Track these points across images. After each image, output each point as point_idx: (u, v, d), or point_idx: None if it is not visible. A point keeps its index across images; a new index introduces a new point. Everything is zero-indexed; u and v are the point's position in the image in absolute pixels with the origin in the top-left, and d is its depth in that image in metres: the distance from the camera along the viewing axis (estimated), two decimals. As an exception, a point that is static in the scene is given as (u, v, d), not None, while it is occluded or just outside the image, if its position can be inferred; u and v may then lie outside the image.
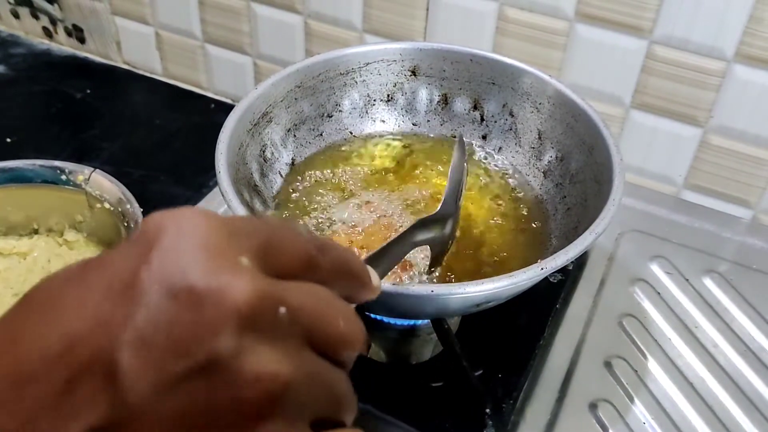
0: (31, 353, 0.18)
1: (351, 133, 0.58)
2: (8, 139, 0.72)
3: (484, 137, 0.57)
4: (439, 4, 0.65)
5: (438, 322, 0.48)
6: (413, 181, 0.54)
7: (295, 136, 0.55)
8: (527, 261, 0.44)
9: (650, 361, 0.51)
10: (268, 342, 0.19)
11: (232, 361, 0.18)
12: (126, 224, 0.49)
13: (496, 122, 0.57)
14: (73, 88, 0.81)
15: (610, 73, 0.62)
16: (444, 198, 0.44)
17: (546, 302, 0.54)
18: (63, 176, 0.51)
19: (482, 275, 0.47)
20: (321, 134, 0.57)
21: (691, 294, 0.56)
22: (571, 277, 0.57)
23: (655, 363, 0.51)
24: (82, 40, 0.88)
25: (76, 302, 0.19)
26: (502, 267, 0.48)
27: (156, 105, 0.81)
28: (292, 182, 0.54)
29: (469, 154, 0.57)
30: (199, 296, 0.18)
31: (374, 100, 0.58)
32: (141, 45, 0.84)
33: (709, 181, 0.64)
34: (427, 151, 0.57)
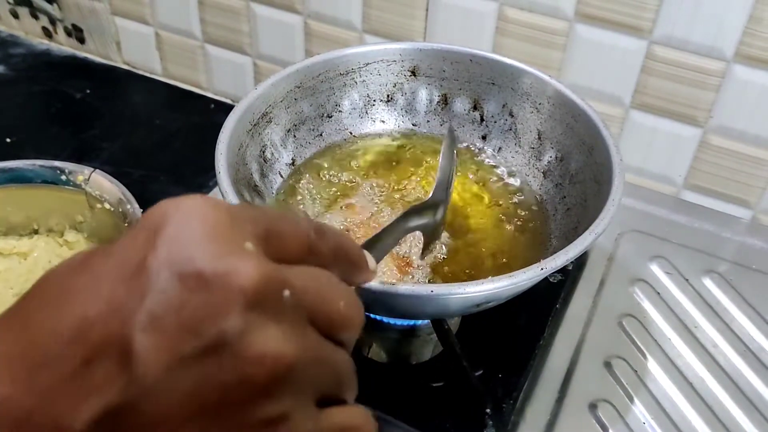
0: (46, 336, 0.19)
1: (351, 133, 0.58)
2: (8, 139, 0.72)
3: (483, 137, 0.57)
4: (439, 4, 0.65)
5: (438, 322, 0.48)
6: (413, 180, 0.54)
7: (295, 136, 0.55)
8: (527, 261, 0.44)
9: (650, 361, 0.51)
10: (274, 323, 0.20)
11: (239, 340, 0.19)
12: (126, 224, 0.49)
13: (495, 122, 0.57)
14: (73, 88, 0.81)
15: (610, 73, 0.62)
16: (435, 185, 0.45)
17: (546, 302, 0.54)
18: (63, 176, 0.51)
19: (482, 275, 0.47)
20: (321, 134, 0.57)
21: (690, 294, 0.56)
22: (571, 278, 0.57)
23: (655, 363, 0.51)
24: (81, 40, 0.88)
25: (87, 288, 0.20)
26: (501, 267, 0.48)
27: (156, 105, 0.81)
28: (292, 182, 0.54)
29: (469, 155, 0.57)
30: (207, 280, 0.19)
31: (374, 101, 0.58)
32: (141, 45, 0.84)
33: (708, 181, 0.64)
34: (427, 151, 0.57)
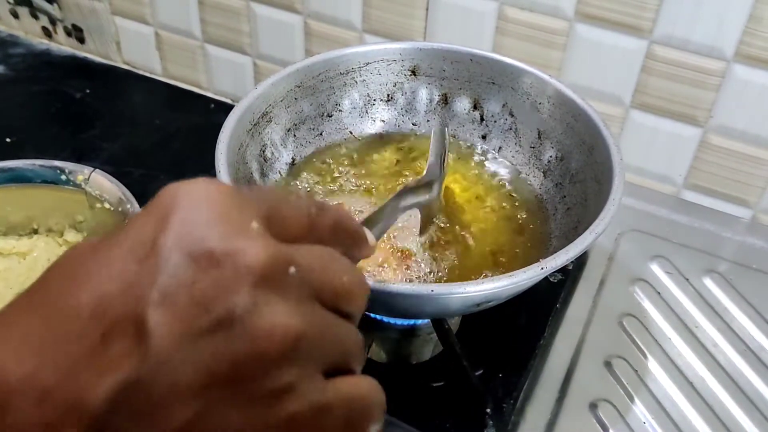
0: (65, 314, 0.20)
1: (351, 132, 0.58)
2: (8, 139, 0.72)
3: (484, 137, 0.57)
4: (439, 3, 0.65)
5: (438, 321, 0.48)
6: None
7: (295, 135, 0.55)
8: (527, 260, 0.45)
9: (650, 360, 0.51)
10: (281, 298, 0.21)
11: (248, 315, 0.20)
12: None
13: (496, 122, 0.57)
14: (73, 88, 0.81)
15: (610, 73, 0.62)
16: (428, 164, 0.47)
17: (546, 302, 0.54)
18: (63, 176, 0.51)
19: (482, 275, 0.47)
20: (321, 134, 0.57)
21: (691, 294, 0.56)
22: (571, 277, 0.57)
23: (655, 363, 0.51)
24: (81, 40, 0.88)
25: (103, 268, 0.21)
26: (502, 266, 0.48)
27: (156, 105, 0.81)
28: (292, 182, 0.54)
29: (469, 154, 0.57)
30: (217, 259, 0.20)
31: (374, 100, 0.58)
32: (141, 45, 0.84)
33: (709, 181, 0.64)
34: (427, 150, 0.57)
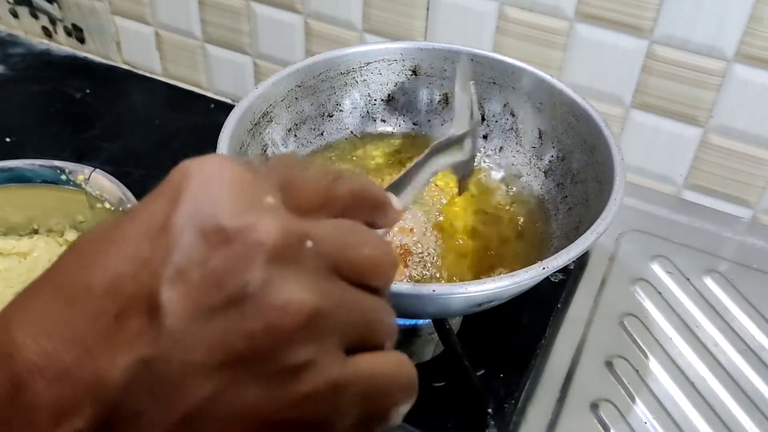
0: (80, 293, 0.20)
1: (352, 132, 0.58)
2: (8, 139, 0.72)
3: (485, 137, 0.57)
4: (439, 3, 0.65)
5: (439, 321, 0.48)
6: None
7: (295, 135, 0.55)
8: (529, 260, 0.44)
9: (651, 360, 0.51)
10: (295, 273, 0.21)
11: (261, 291, 0.20)
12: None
13: (497, 122, 0.57)
14: (73, 88, 0.81)
15: (611, 72, 0.62)
16: (453, 118, 0.43)
17: (547, 302, 0.54)
18: (63, 176, 0.51)
19: (484, 275, 0.47)
20: (322, 134, 0.57)
21: (691, 293, 0.56)
22: (573, 277, 0.57)
23: (656, 362, 0.51)
24: (81, 40, 0.88)
25: (116, 247, 0.21)
26: (503, 266, 0.48)
27: (156, 105, 0.81)
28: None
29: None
30: (228, 235, 0.20)
31: (375, 100, 0.58)
32: (141, 45, 0.84)
33: (709, 181, 0.64)
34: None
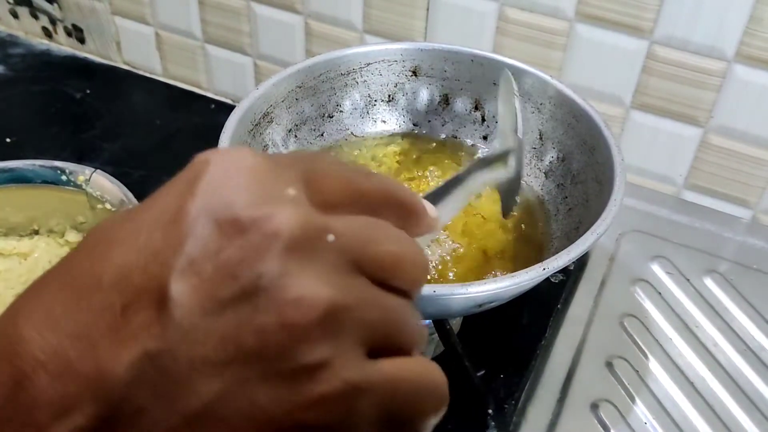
0: (87, 285, 0.20)
1: (352, 133, 0.58)
2: (8, 139, 0.72)
3: (485, 138, 0.57)
4: (439, 4, 0.65)
5: (440, 322, 0.48)
6: (415, 181, 0.54)
7: (296, 136, 0.55)
8: (529, 261, 0.44)
9: (651, 361, 0.51)
10: (312, 267, 0.20)
11: (275, 284, 0.19)
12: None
13: (497, 122, 0.57)
14: (73, 88, 0.81)
15: (611, 73, 0.62)
16: (498, 131, 0.39)
17: (547, 302, 0.54)
18: (63, 177, 0.51)
19: (484, 275, 0.47)
20: (322, 134, 0.57)
21: (691, 294, 0.56)
22: (573, 278, 0.57)
23: (656, 363, 0.51)
24: (81, 40, 0.88)
25: (128, 237, 0.20)
26: (504, 267, 0.48)
27: (156, 105, 0.81)
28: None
29: (471, 156, 0.57)
30: (244, 225, 0.19)
31: (375, 101, 0.58)
32: (141, 45, 0.84)
33: (709, 181, 0.64)
34: (428, 151, 0.57)
